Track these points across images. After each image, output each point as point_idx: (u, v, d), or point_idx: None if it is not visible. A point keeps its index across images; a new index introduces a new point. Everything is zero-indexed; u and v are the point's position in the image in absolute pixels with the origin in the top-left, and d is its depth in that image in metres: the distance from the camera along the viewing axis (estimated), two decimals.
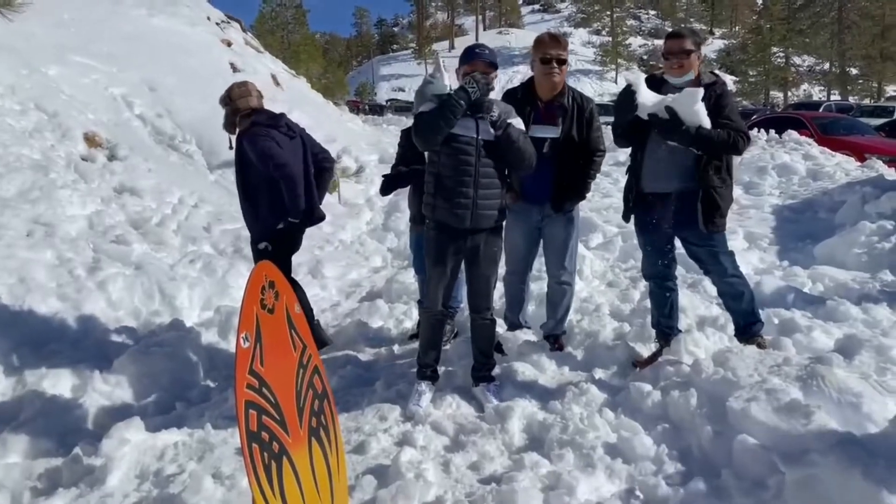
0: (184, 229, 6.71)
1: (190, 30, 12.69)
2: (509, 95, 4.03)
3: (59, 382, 4.01)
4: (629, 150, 3.89)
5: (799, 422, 2.86)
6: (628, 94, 3.61)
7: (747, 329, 3.75)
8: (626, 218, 3.97)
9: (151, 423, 3.58)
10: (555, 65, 3.85)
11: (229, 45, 13.31)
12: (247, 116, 4.28)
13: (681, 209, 3.65)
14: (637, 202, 3.80)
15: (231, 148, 4.37)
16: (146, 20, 12.15)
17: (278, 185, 4.16)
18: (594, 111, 4.06)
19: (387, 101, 54.23)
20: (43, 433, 3.61)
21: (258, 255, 4.33)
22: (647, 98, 3.52)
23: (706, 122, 3.46)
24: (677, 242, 3.94)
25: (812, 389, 3.06)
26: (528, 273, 4.41)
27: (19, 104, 7.17)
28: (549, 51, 3.88)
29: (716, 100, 3.56)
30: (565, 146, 3.94)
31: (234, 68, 12.05)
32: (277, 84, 13.01)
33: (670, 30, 3.89)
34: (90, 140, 7.28)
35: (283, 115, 4.43)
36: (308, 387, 2.53)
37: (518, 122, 3.51)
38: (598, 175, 4.20)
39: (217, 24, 14.24)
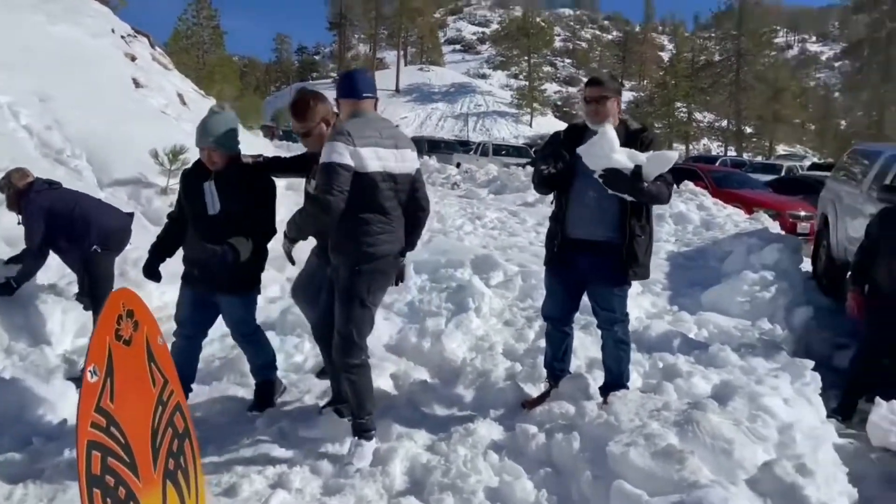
0: None
1: (92, 41, 12.11)
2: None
3: None
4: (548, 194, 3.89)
5: (673, 467, 2.90)
6: (554, 142, 3.61)
7: (609, 389, 3.78)
8: (548, 264, 3.90)
9: (1, 460, 3.27)
10: None
11: (133, 59, 12.79)
12: (25, 192, 4.93)
13: (599, 262, 3.63)
14: (560, 247, 3.75)
15: (20, 224, 4.95)
16: (44, 28, 11.50)
17: (71, 226, 4.92)
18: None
19: None
20: None
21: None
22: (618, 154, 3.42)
23: (624, 163, 3.41)
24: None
25: (688, 435, 3.11)
26: None
27: None
28: None
29: (648, 146, 3.56)
30: None
31: (137, 83, 11.56)
32: (184, 103, 12.57)
33: (587, 77, 3.90)
34: None
35: (37, 178, 5.16)
36: (168, 425, 2.35)
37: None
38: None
39: (122, 37, 13.68)
